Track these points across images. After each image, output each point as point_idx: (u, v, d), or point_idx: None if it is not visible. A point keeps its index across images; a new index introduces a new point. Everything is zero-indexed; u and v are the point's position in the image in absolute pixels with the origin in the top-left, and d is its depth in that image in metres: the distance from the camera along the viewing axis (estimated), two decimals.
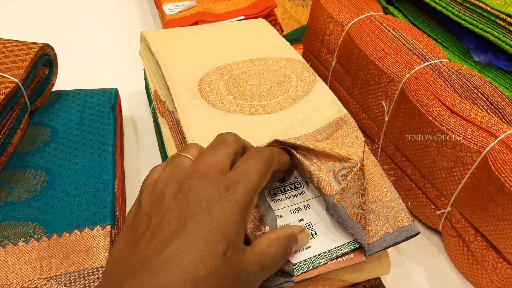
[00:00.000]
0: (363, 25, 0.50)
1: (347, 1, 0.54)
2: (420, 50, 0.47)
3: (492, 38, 0.46)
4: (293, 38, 0.69)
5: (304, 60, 0.51)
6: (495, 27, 0.46)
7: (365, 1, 0.55)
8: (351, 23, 0.51)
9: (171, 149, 0.44)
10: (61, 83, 0.53)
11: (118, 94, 0.53)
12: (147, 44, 0.53)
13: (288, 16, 0.73)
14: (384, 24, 0.50)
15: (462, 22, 0.48)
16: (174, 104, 0.44)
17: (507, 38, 0.45)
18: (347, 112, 0.43)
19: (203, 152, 0.30)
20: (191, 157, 0.30)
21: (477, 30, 0.47)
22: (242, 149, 0.31)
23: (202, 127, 0.42)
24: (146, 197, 0.28)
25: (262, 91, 0.46)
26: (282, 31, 0.67)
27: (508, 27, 0.45)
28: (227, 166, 0.29)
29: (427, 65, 0.45)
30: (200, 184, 0.27)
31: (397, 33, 0.49)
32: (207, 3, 0.65)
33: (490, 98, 0.42)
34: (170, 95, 0.45)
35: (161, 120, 0.47)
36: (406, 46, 0.48)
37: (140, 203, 0.28)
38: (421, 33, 0.50)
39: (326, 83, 0.57)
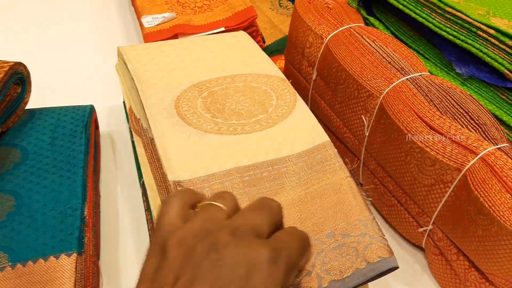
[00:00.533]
0: (343, 37, 0.49)
1: (326, 13, 0.53)
2: (400, 63, 0.46)
3: (473, 50, 0.45)
4: (276, 49, 0.68)
5: (284, 77, 0.49)
6: (476, 38, 0.45)
7: (346, 12, 0.54)
8: (330, 36, 0.50)
9: (145, 169, 0.43)
10: (40, 99, 0.52)
11: (94, 110, 0.52)
12: (123, 60, 0.52)
13: (271, 26, 0.71)
14: (364, 36, 0.49)
15: (443, 33, 0.47)
16: (148, 123, 0.43)
17: (489, 50, 0.44)
18: (328, 139, 0.42)
19: (243, 209, 0.27)
20: (226, 209, 0.27)
21: (458, 41, 0.46)
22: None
23: (178, 147, 0.40)
24: (174, 248, 0.24)
25: (241, 109, 0.45)
26: (264, 42, 0.66)
27: (490, 38, 0.44)
28: (266, 234, 0.26)
29: (407, 78, 0.44)
30: (238, 245, 0.24)
31: (377, 46, 0.48)
32: (187, 15, 0.64)
33: (471, 113, 0.41)
34: (145, 113, 0.44)
35: (136, 139, 0.46)
36: (386, 59, 0.46)
37: (166, 255, 0.24)
38: (402, 45, 0.49)
39: (308, 96, 0.55)
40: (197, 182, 0.38)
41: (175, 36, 0.61)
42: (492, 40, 0.44)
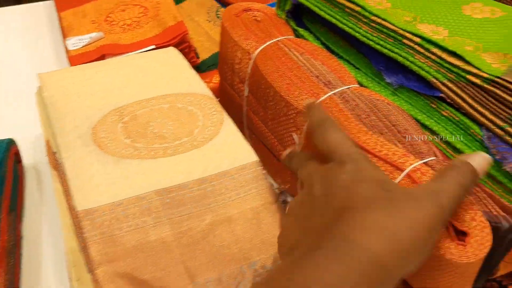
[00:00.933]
0: (270, 52, 0.47)
1: (254, 26, 0.51)
2: (327, 76, 0.44)
3: (400, 58, 0.44)
4: (213, 63, 0.65)
5: (212, 95, 0.48)
6: (403, 47, 0.44)
7: (274, 24, 0.52)
8: (257, 51, 0.48)
9: (62, 207, 0.40)
10: None
11: (13, 144, 0.49)
12: (41, 88, 0.49)
13: (208, 39, 0.69)
14: (292, 49, 0.47)
15: (370, 43, 0.45)
16: (61, 154, 0.40)
17: (415, 58, 0.43)
18: (257, 159, 0.41)
19: None
20: None
21: (385, 51, 0.45)
22: None
23: (91, 177, 0.38)
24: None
25: (165, 133, 0.43)
26: (198, 57, 0.63)
27: (415, 46, 0.43)
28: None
29: (334, 93, 0.42)
30: None
31: (305, 59, 0.46)
32: (116, 34, 0.61)
33: (398, 126, 0.39)
34: (58, 143, 0.41)
35: (53, 173, 0.43)
36: (313, 73, 0.45)
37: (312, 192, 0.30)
38: (331, 56, 0.47)
39: (242, 113, 0.53)
40: (111, 207, 0.35)
41: (102, 57, 0.58)
42: (418, 48, 0.43)
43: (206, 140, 0.42)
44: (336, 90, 0.43)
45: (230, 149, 0.41)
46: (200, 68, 0.65)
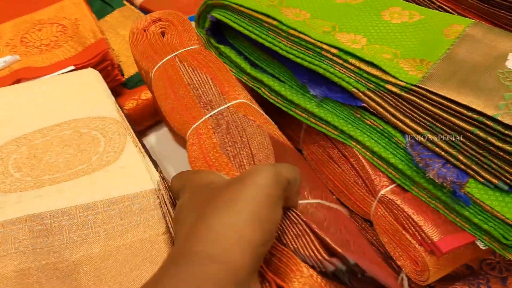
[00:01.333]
0: (163, 71, 0.45)
1: (158, 41, 0.48)
2: (210, 94, 0.43)
3: (321, 70, 0.43)
4: (140, 79, 0.63)
5: (119, 118, 0.45)
6: (322, 58, 0.43)
7: (180, 35, 0.49)
8: (154, 69, 0.46)
9: None
10: None
11: None
12: None
13: None
14: (185, 64, 0.45)
15: (291, 56, 0.45)
16: None
17: (335, 69, 0.42)
18: (154, 187, 0.38)
19: None
20: None
21: (306, 63, 0.44)
22: None
23: None
24: None
25: (60, 162, 0.40)
26: (123, 75, 0.61)
27: (334, 58, 0.42)
28: None
29: (211, 115, 0.41)
30: None
31: (195, 75, 0.44)
32: (33, 56, 0.58)
33: (255, 157, 0.38)
34: None
35: None
36: (197, 92, 0.43)
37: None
38: (225, 69, 0.45)
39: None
40: None
41: (18, 82, 0.55)
42: (336, 59, 0.42)
43: (102, 166, 0.39)
44: (213, 112, 0.41)
45: (125, 176, 0.38)
46: (127, 85, 0.62)
